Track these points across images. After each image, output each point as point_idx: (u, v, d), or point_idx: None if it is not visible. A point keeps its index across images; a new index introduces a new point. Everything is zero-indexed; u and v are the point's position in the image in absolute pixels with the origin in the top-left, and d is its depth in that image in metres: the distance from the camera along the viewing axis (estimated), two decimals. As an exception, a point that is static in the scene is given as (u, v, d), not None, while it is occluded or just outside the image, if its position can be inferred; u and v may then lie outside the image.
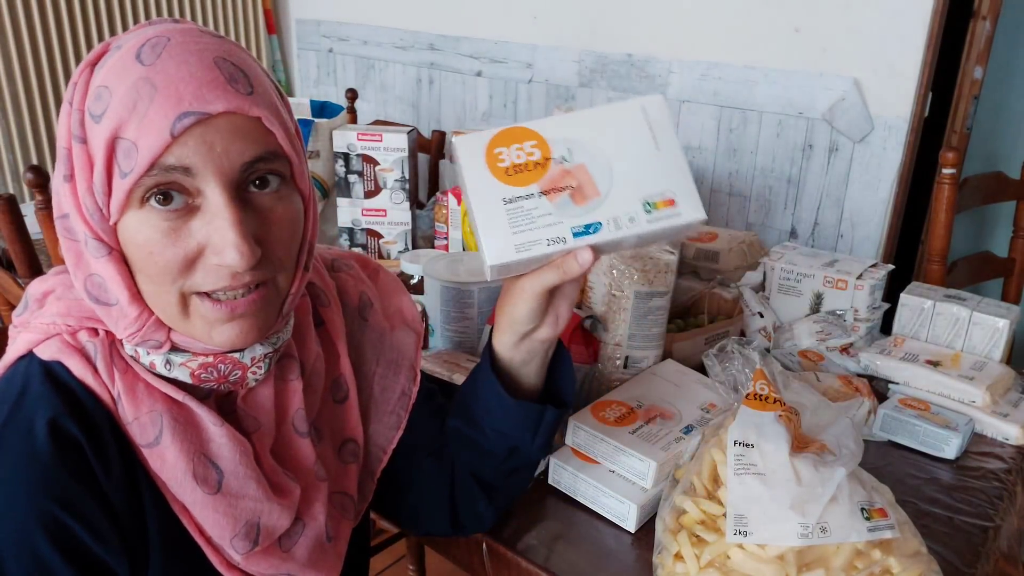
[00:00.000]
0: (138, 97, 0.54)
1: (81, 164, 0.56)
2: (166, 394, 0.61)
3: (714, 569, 0.78)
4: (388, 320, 0.81)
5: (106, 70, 0.56)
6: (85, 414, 0.59)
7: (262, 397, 0.67)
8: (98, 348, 0.61)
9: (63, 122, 0.58)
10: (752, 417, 0.85)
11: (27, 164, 2.67)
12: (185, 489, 0.60)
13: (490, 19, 2.71)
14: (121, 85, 0.55)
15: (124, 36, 0.59)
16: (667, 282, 1.13)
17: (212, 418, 0.62)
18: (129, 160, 0.54)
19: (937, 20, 1.93)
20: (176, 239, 0.56)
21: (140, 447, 0.60)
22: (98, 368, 0.60)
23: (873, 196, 2.10)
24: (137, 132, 0.54)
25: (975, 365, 1.16)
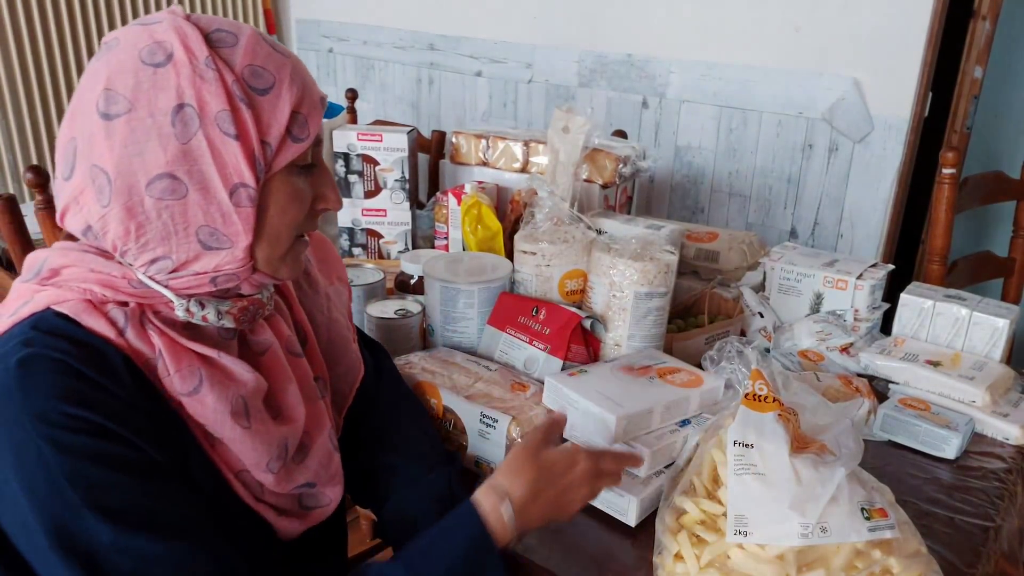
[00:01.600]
0: (302, 82, 0.68)
1: (251, 123, 0.65)
2: (197, 351, 0.68)
3: (714, 569, 0.78)
4: (325, 274, 0.91)
5: (248, 54, 0.66)
6: (92, 353, 0.63)
7: (263, 328, 0.77)
8: (129, 316, 0.67)
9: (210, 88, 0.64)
10: (751, 417, 0.85)
11: (27, 164, 2.67)
12: (226, 427, 0.68)
13: (490, 19, 2.71)
14: (281, 69, 0.67)
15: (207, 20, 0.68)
16: (667, 282, 1.13)
17: (242, 367, 0.71)
18: (303, 130, 0.68)
19: (937, 20, 1.93)
20: (305, 196, 0.71)
21: (180, 396, 0.67)
22: (126, 334, 0.66)
23: (873, 196, 2.10)
24: (309, 109, 0.68)
25: (975, 365, 1.16)
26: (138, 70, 0.64)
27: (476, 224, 1.40)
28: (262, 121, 0.66)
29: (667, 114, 2.40)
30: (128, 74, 0.64)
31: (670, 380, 1.00)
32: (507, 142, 1.55)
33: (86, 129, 0.65)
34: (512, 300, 1.16)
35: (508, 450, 0.95)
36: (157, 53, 0.64)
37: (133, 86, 0.64)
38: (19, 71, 2.66)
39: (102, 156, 0.64)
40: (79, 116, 0.65)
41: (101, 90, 0.64)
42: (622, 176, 1.47)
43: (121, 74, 0.64)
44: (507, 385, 1.02)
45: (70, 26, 2.76)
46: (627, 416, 0.90)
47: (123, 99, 0.64)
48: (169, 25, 0.66)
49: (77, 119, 0.66)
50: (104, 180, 0.64)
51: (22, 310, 0.66)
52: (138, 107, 0.63)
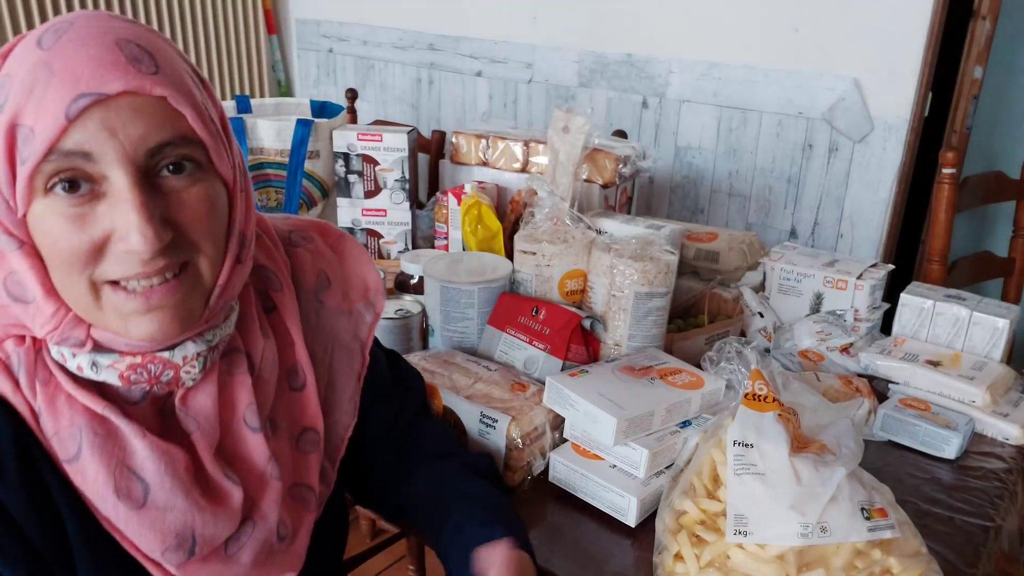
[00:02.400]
0: (35, 81, 0.53)
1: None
2: (87, 406, 0.58)
3: (714, 569, 0.78)
4: (348, 296, 0.78)
5: (11, 59, 0.56)
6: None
7: (203, 396, 0.64)
8: (22, 358, 0.58)
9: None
10: (751, 417, 0.85)
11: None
12: (108, 504, 0.58)
13: (490, 19, 2.71)
14: (20, 71, 0.54)
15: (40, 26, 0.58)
16: (667, 282, 1.13)
17: (134, 430, 0.59)
18: (28, 146, 0.53)
19: (937, 20, 1.93)
20: (82, 225, 0.55)
21: (62, 462, 0.58)
22: (19, 380, 0.58)
23: (873, 196, 2.10)
24: (34, 117, 0.53)
25: (975, 365, 1.16)
26: None
27: (476, 224, 1.40)
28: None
29: (667, 114, 2.40)
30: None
31: (671, 381, 1.00)
32: (507, 142, 1.55)
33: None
34: (512, 300, 1.16)
35: (508, 450, 0.95)
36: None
37: None
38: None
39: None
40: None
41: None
42: (622, 176, 1.47)
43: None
44: (507, 385, 1.02)
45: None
46: (628, 418, 0.90)
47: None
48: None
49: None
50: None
51: None
52: None
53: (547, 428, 0.98)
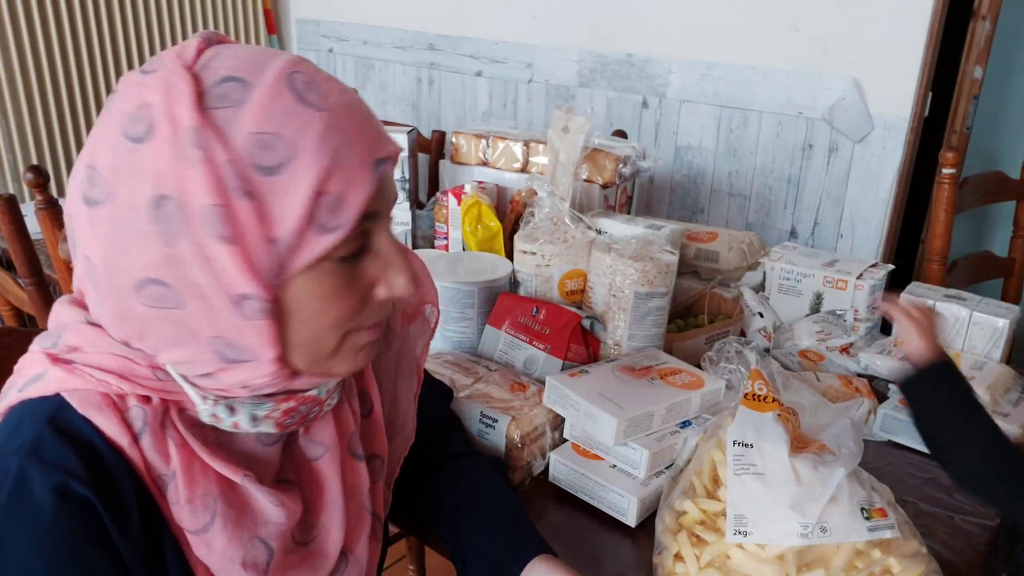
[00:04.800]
0: (338, 145, 0.51)
1: (251, 221, 0.49)
2: (221, 475, 0.57)
3: (714, 569, 0.78)
4: (406, 315, 0.75)
5: (258, 115, 0.50)
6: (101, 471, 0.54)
7: (323, 424, 0.64)
8: (148, 417, 0.55)
9: (194, 174, 0.49)
10: (751, 417, 0.85)
11: (27, 164, 2.67)
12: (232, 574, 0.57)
13: (490, 19, 2.71)
14: (304, 132, 0.50)
15: (219, 64, 0.52)
16: (667, 282, 1.13)
17: (270, 498, 0.58)
18: (336, 215, 0.51)
19: (937, 20, 1.93)
20: (354, 284, 0.55)
21: (187, 532, 0.56)
22: (141, 441, 0.55)
23: (873, 196, 2.10)
24: (343, 185, 0.51)
25: (975, 365, 1.16)
26: (117, 145, 0.50)
27: (476, 224, 1.40)
28: (270, 213, 0.50)
29: (667, 114, 2.40)
30: (108, 149, 0.51)
31: (671, 382, 1.00)
32: (507, 142, 1.55)
33: (75, 209, 0.53)
34: (512, 300, 1.16)
35: (508, 450, 0.95)
36: (139, 122, 0.50)
37: (112, 166, 0.50)
38: (19, 71, 2.66)
39: (88, 246, 0.53)
40: (71, 188, 0.54)
41: (84, 166, 0.52)
42: (622, 176, 1.47)
43: (103, 147, 0.51)
44: (507, 385, 1.02)
45: (70, 26, 2.76)
46: (628, 418, 0.90)
47: (103, 183, 0.51)
48: (162, 78, 0.50)
49: (71, 190, 0.54)
50: (96, 273, 0.53)
51: (31, 387, 0.56)
52: (118, 195, 0.50)
53: (547, 428, 0.98)
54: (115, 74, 2.91)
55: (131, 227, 0.50)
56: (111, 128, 0.51)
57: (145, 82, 0.51)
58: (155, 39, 3.00)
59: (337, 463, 0.64)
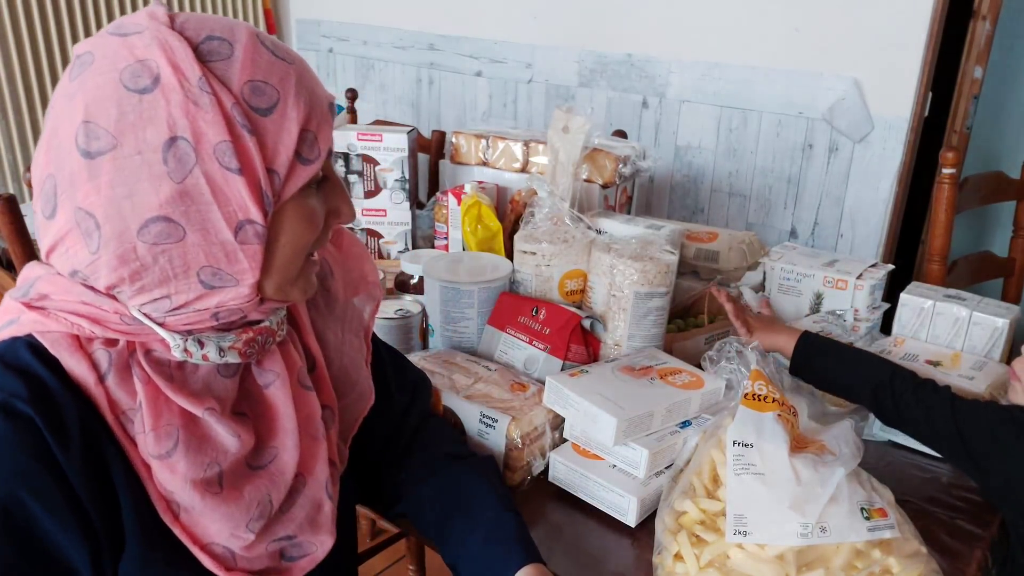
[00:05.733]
0: (309, 93, 0.61)
1: (255, 154, 0.58)
2: (183, 408, 0.62)
3: (714, 569, 0.78)
4: (349, 287, 0.82)
5: (247, 67, 0.58)
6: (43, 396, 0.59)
7: (273, 356, 0.70)
8: (114, 358, 0.61)
9: (205, 116, 0.56)
10: (751, 417, 0.85)
11: (27, 164, 2.68)
12: (194, 498, 0.62)
13: (490, 19, 2.71)
14: (285, 80, 0.59)
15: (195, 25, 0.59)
16: (667, 282, 1.13)
17: (227, 429, 0.63)
18: (313, 149, 0.61)
19: (937, 20, 1.93)
20: (318, 213, 0.64)
21: (150, 457, 0.61)
22: (107, 380, 0.60)
23: (873, 196, 2.10)
24: (317, 124, 0.61)
25: (975, 365, 1.16)
26: (121, 98, 0.55)
27: (476, 224, 1.40)
28: (267, 147, 0.58)
29: (667, 114, 2.40)
30: (109, 103, 0.55)
31: (671, 381, 1.00)
32: (507, 142, 1.55)
33: (66, 166, 0.57)
34: (512, 300, 1.16)
35: (507, 450, 0.95)
36: (141, 76, 0.56)
37: (116, 118, 0.55)
38: (19, 71, 2.66)
39: (87, 198, 0.56)
40: (56, 150, 0.57)
41: (80, 123, 0.56)
42: (622, 176, 1.47)
43: (101, 103, 0.56)
44: (507, 385, 1.02)
45: (70, 26, 2.76)
46: (628, 418, 0.90)
47: (106, 134, 0.55)
48: (152, 37, 0.57)
49: (54, 153, 0.57)
50: (91, 224, 0.57)
51: (4, 330, 0.62)
52: (124, 143, 0.55)
53: (547, 428, 0.98)
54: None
55: (140, 170, 0.56)
56: (107, 83, 0.56)
57: (132, 42, 0.57)
58: (155, 39, 3.00)
59: (287, 389, 0.69)
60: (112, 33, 0.58)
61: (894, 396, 0.96)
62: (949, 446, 0.92)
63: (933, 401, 0.93)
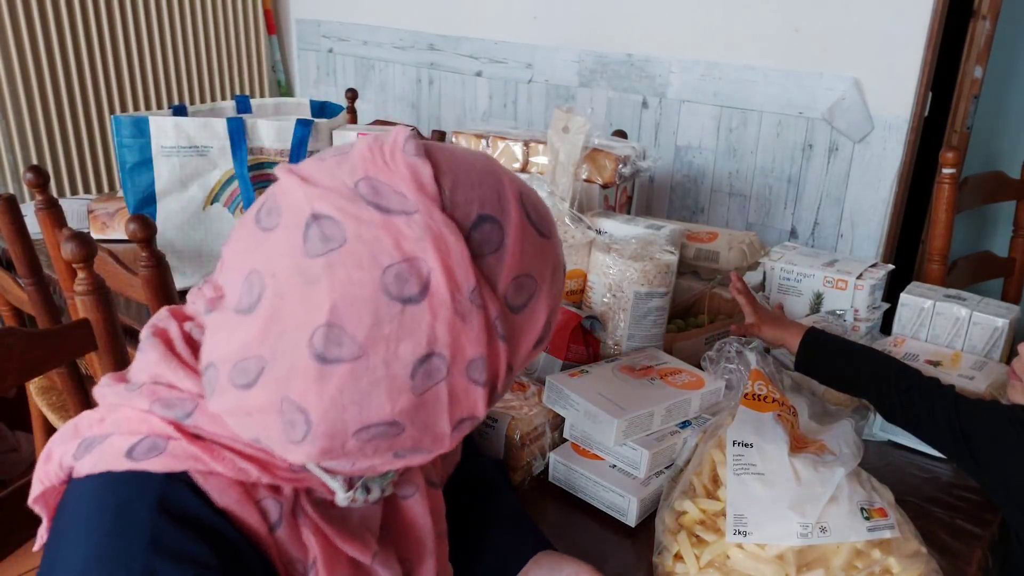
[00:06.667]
0: (558, 269, 0.55)
1: (503, 360, 0.51)
2: (350, 556, 0.57)
3: (714, 569, 0.78)
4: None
5: (515, 259, 0.50)
6: (231, 557, 0.51)
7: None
8: (284, 507, 0.54)
9: (469, 332, 0.49)
10: (751, 417, 0.86)
11: (27, 164, 2.67)
12: None
13: (490, 19, 2.71)
14: (543, 267, 0.53)
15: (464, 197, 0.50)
16: (667, 282, 1.13)
17: (386, 570, 0.60)
18: (548, 333, 0.55)
19: (937, 20, 1.92)
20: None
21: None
22: (277, 531, 0.54)
23: (873, 196, 2.10)
24: (556, 303, 0.55)
25: (975, 365, 1.16)
26: (380, 306, 0.47)
27: (476, 224, 1.40)
28: (513, 347, 0.52)
29: (667, 114, 2.40)
30: (364, 309, 0.47)
31: (671, 382, 1.00)
32: (507, 142, 1.55)
33: (287, 358, 0.48)
34: (512, 300, 1.16)
35: (507, 450, 0.95)
36: (409, 281, 0.47)
37: (369, 326, 0.47)
38: (19, 71, 2.66)
39: (304, 396, 0.48)
40: (276, 337, 0.48)
41: (323, 324, 0.47)
42: (622, 176, 1.47)
43: (355, 307, 0.47)
44: (507, 385, 1.02)
45: (70, 26, 2.76)
46: (628, 418, 0.90)
47: (351, 343, 0.47)
48: (424, 226, 0.47)
49: (272, 337, 0.48)
50: (300, 419, 0.49)
51: (151, 459, 0.51)
52: (371, 354, 0.47)
53: (547, 428, 0.98)
54: (115, 74, 2.91)
55: (380, 383, 0.48)
56: (362, 284, 0.47)
57: (399, 228, 0.47)
58: (155, 39, 3.00)
59: (424, 498, 0.65)
60: (370, 201, 0.48)
61: (898, 393, 0.96)
62: (952, 445, 0.92)
63: (937, 400, 0.93)
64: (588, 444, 0.96)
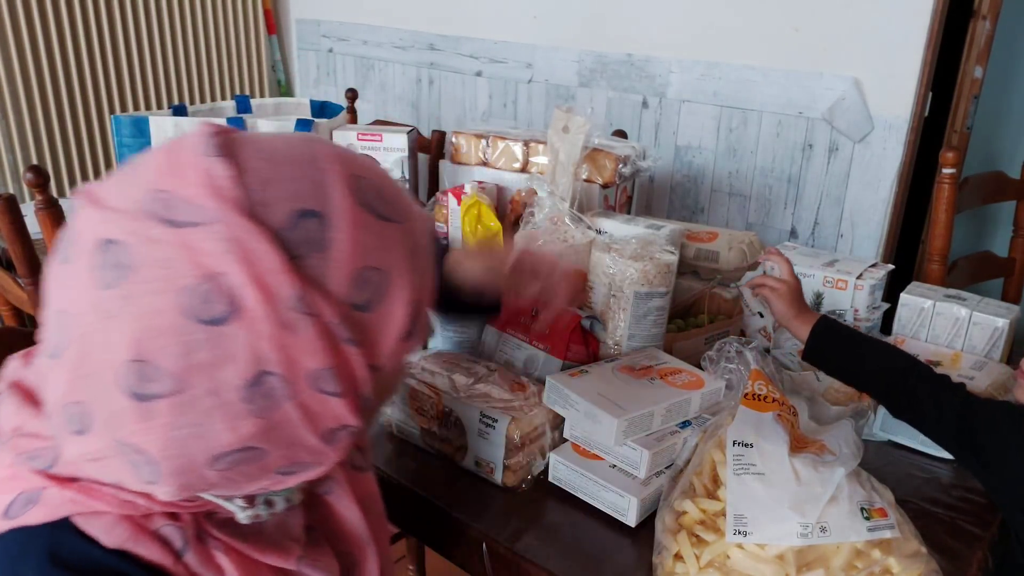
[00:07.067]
0: (415, 253, 0.50)
1: (359, 364, 0.47)
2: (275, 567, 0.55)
3: (714, 569, 0.78)
4: None
5: (349, 254, 0.46)
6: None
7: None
8: (187, 534, 0.51)
9: (302, 344, 0.45)
10: (751, 417, 0.86)
11: (27, 164, 2.67)
12: None
13: (490, 19, 2.71)
14: (392, 253, 0.48)
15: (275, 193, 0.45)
16: (667, 282, 1.13)
17: (317, 571, 0.58)
18: (420, 318, 0.51)
19: (937, 20, 1.92)
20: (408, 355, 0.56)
21: None
22: (184, 557, 0.50)
23: (873, 196, 2.10)
24: (424, 286, 0.51)
25: (975, 365, 1.16)
26: (186, 334, 0.42)
27: (476, 224, 1.40)
28: (370, 347, 0.48)
29: (667, 114, 2.40)
30: (169, 339, 0.42)
31: (671, 381, 1.00)
32: (507, 142, 1.55)
33: (105, 402, 0.44)
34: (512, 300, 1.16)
35: (508, 450, 0.95)
36: (214, 302, 0.42)
37: (180, 356, 0.43)
38: (19, 71, 2.66)
39: (136, 437, 0.45)
40: (88, 379, 0.44)
41: (126, 361, 0.43)
42: (622, 176, 1.47)
43: (158, 339, 0.43)
44: (507, 385, 1.02)
45: (70, 26, 2.76)
46: (628, 418, 0.90)
47: (166, 377, 0.43)
48: (221, 236, 0.42)
49: (83, 381, 0.44)
50: (142, 459, 0.46)
51: (28, 512, 0.48)
52: (192, 386, 0.44)
53: (547, 428, 0.98)
54: (115, 74, 2.91)
55: (213, 412, 0.44)
56: (165, 309, 0.42)
57: (192, 243, 0.42)
58: (155, 39, 3.00)
59: (346, 487, 0.63)
60: (156, 220, 0.43)
61: (907, 389, 0.95)
62: (958, 444, 0.91)
63: (946, 398, 0.92)
64: (588, 444, 0.96)
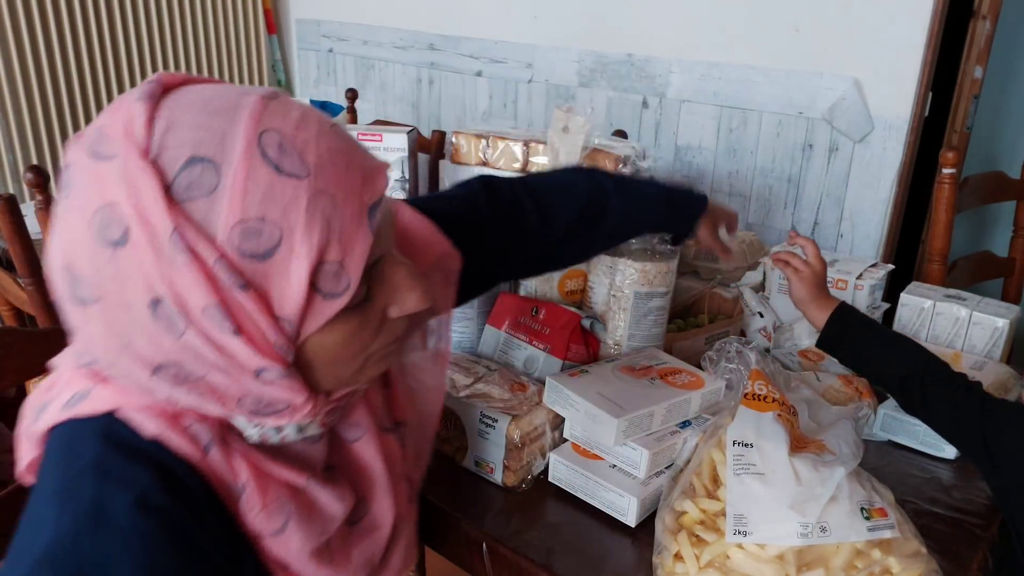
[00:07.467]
0: (329, 212, 0.49)
1: (254, 309, 0.48)
2: (286, 481, 0.58)
3: (714, 569, 0.78)
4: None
5: (236, 203, 0.47)
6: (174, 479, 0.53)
7: (356, 405, 0.66)
8: (213, 434, 0.55)
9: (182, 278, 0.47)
10: (751, 417, 0.86)
11: (27, 164, 2.67)
12: (309, 568, 0.59)
13: (490, 19, 2.71)
14: (289, 211, 0.48)
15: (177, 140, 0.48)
16: (667, 282, 1.13)
17: (332, 495, 0.61)
18: (339, 280, 0.50)
19: (937, 20, 1.93)
20: (367, 320, 0.55)
21: (263, 535, 0.57)
22: (209, 454, 0.55)
23: (873, 196, 2.10)
24: (341, 251, 0.50)
25: (975, 365, 1.16)
26: (94, 252, 0.48)
27: (476, 224, 1.40)
28: (271, 296, 0.49)
29: (667, 114, 2.40)
30: (84, 254, 0.48)
31: (671, 381, 1.00)
32: (507, 142, 1.55)
33: (61, 300, 0.51)
34: (512, 300, 1.16)
35: (508, 450, 0.95)
36: (111, 226, 0.47)
37: (93, 272, 0.48)
38: (19, 71, 2.66)
39: (87, 338, 0.52)
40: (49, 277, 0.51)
41: (60, 267, 0.49)
42: (622, 176, 1.47)
43: (76, 251, 0.48)
44: (507, 385, 1.02)
45: (70, 26, 2.76)
46: (628, 418, 0.90)
47: (88, 285, 0.48)
48: (120, 170, 0.47)
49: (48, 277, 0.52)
50: (104, 361, 0.53)
51: (80, 405, 0.55)
52: (107, 297, 0.48)
53: (547, 428, 0.98)
54: (115, 74, 2.91)
55: (132, 325, 0.49)
56: (81, 226, 0.48)
57: (101, 172, 0.47)
58: (155, 39, 3.00)
59: (374, 441, 0.66)
60: (88, 151, 0.49)
61: (923, 386, 0.94)
62: (971, 443, 0.90)
63: (962, 396, 0.91)
64: (588, 444, 0.96)
